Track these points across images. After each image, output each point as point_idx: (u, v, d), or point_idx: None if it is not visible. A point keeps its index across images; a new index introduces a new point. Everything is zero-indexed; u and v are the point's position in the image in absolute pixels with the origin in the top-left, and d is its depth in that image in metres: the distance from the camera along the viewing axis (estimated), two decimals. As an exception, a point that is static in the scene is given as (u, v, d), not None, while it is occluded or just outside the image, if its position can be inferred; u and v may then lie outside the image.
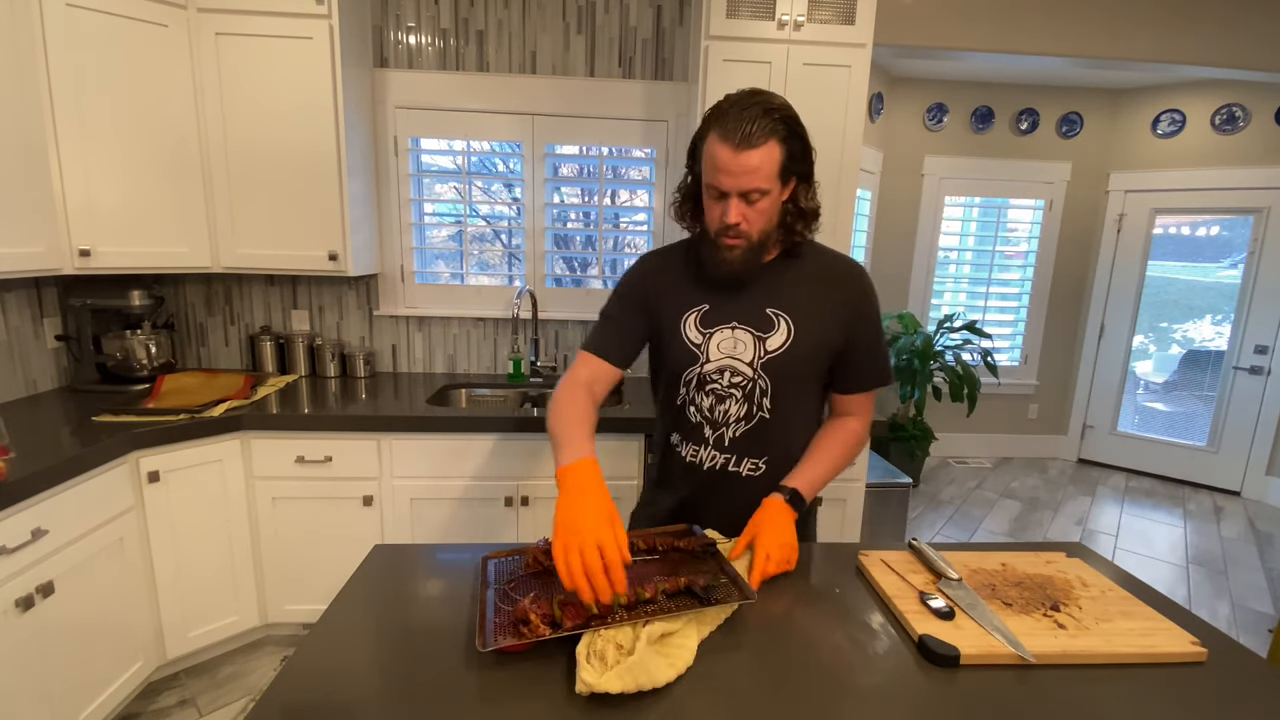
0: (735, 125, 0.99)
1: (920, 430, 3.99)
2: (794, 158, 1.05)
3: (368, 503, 2.16)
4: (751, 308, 1.14)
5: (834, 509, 2.28)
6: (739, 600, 0.92)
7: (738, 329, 1.14)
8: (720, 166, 1.01)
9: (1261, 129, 3.89)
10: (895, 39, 2.78)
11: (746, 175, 1.01)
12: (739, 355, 1.14)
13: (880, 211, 4.37)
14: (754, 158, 1.00)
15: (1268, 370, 3.98)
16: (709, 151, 1.04)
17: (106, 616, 1.79)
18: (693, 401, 1.18)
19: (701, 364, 1.15)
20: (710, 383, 1.15)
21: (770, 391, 1.14)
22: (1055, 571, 1.11)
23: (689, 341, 1.16)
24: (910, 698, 0.81)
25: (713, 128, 1.02)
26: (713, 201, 1.07)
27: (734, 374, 1.14)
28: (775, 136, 1.01)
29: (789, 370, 1.14)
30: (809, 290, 1.15)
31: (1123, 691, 0.83)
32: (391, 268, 2.68)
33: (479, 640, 0.85)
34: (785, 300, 1.14)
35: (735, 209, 1.04)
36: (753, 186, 1.02)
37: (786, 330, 1.13)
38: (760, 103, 1.01)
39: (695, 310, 1.16)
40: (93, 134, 1.97)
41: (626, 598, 0.89)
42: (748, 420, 1.16)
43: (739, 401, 1.15)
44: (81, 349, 2.26)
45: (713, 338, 1.15)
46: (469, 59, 2.56)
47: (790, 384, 1.15)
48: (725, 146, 1.00)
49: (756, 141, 0.99)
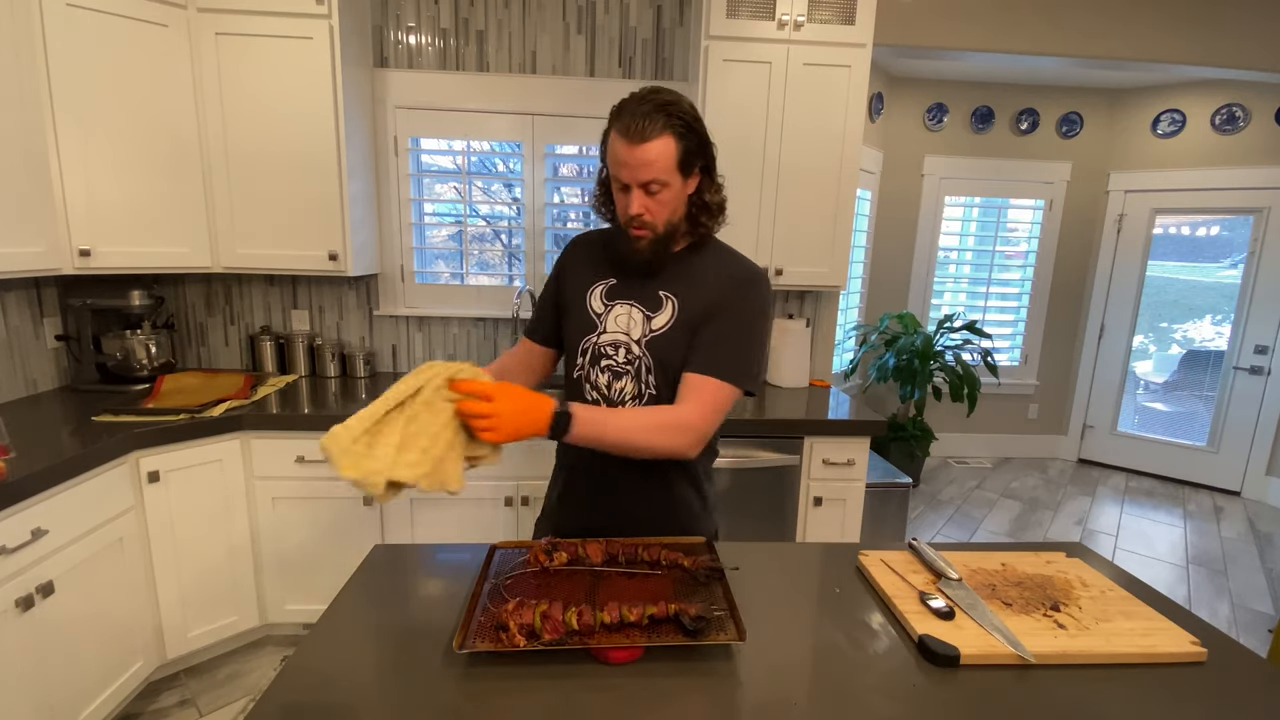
0: (631, 120, 1.04)
1: (920, 430, 3.98)
2: (691, 151, 1.10)
3: (368, 503, 2.15)
4: (649, 290, 1.19)
5: (834, 509, 2.29)
6: (728, 640, 0.87)
7: (633, 307, 1.19)
8: (620, 160, 1.07)
9: (1261, 129, 3.89)
10: (895, 39, 2.78)
11: (644, 167, 1.06)
12: (629, 331, 1.18)
13: (880, 211, 4.37)
14: (650, 151, 1.05)
15: (1268, 370, 3.98)
16: (611, 147, 1.09)
17: (106, 616, 1.79)
18: (588, 378, 1.20)
19: (598, 333, 1.19)
20: (605, 357, 1.19)
21: (653, 369, 1.17)
22: (1055, 571, 1.11)
23: (591, 310, 1.21)
24: (910, 698, 0.81)
25: (614, 124, 1.08)
26: (619, 193, 1.12)
27: (627, 350, 1.18)
28: (670, 131, 1.06)
29: (668, 349, 1.16)
30: (702, 279, 1.19)
31: (1123, 691, 0.83)
32: (391, 268, 2.68)
33: (457, 639, 0.85)
34: (678, 285, 1.18)
35: (637, 200, 1.09)
36: (650, 178, 1.07)
37: (671, 310, 1.17)
38: (656, 99, 1.06)
39: (603, 284, 1.22)
40: (93, 134, 1.97)
41: (610, 616, 0.89)
42: (638, 399, 1.18)
43: (631, 378, 1.18)
44: (81, 349, 2.26)
45: (612, 310, 1.20)
46: (469, 59, 2.56)
47: (670, 363, 1.17)
48: (623, 141, 1.06)
49: (650, 135, 1.04)
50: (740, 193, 2.37)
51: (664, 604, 0.91)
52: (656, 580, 1.03)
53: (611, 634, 0.88)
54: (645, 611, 0.90)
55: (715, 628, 0.90)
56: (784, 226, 2.40)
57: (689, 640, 0.87)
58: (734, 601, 0.95)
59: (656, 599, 0.95)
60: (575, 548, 1.08)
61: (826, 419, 2.24)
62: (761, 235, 2.40)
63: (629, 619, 0.89)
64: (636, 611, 0.90)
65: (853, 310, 4.30)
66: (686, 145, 1.08)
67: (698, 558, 1.07)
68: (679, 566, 1.06)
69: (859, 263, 4.15)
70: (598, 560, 1.06)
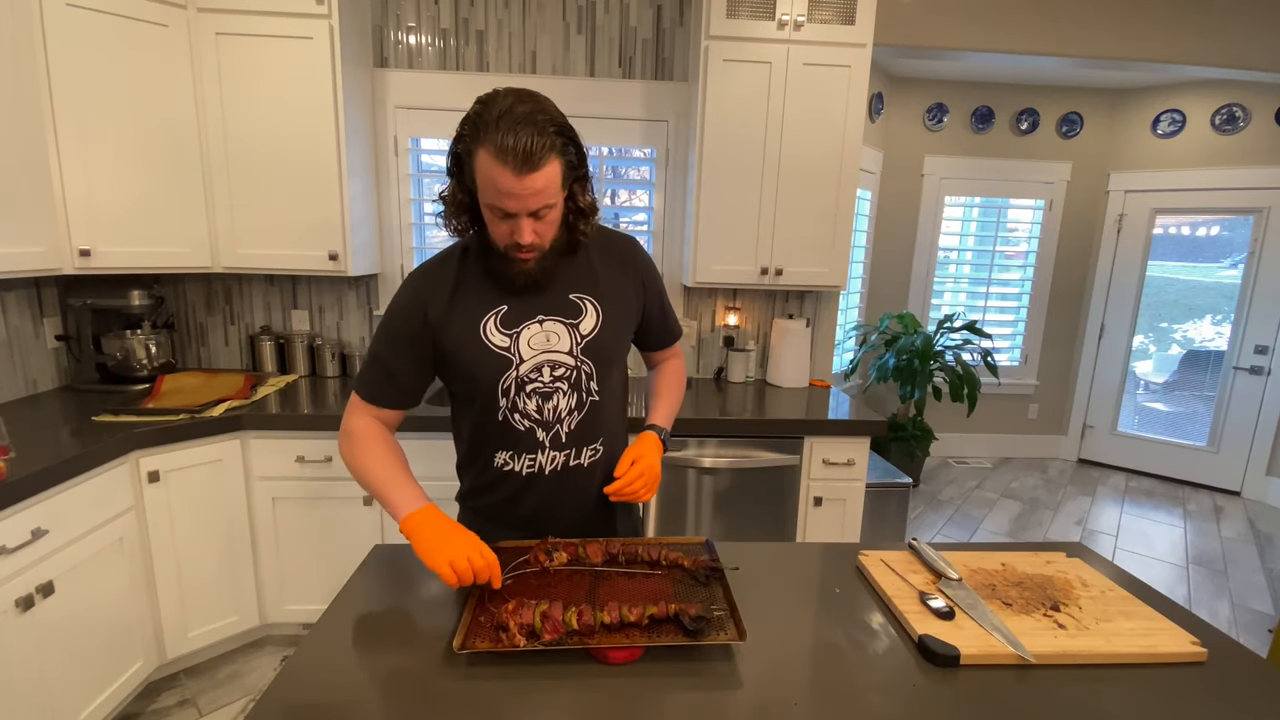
0: (512, 144, 0.91)
1: (920, 430, 3.98)
2: (572, 166, 1.02)
3: (368, 503, 2.15)
4: (553, 299, 1.12)
5: (834, 509, 2.29)
6: (728, 640, 0.87)
7: (546, 321, 1.11)
8: (505, 191, 0.95)
9: (1261, 129, 3.89)
10: (895, 39, 2.78)
11: (533, 196, 0.96)
12: (555, 347, 1.11)
13: (880, 211, 4.37)
14: (538, 180, 0.94)
15: (1268, 370, 3.98)
16: (486, 173, 0.95)
17: (106, 616, 1.79)
18: (515, 409, 1.11)
19: (516, 365, 1.10)
20: (530, 383, 1.11)
21: (594, 373, 1.15)
22: (1055, 571, 1.11)
23: (494, 346, 1.09)
24: (910, 698, 0.81)
25: (483, 144, 0.94)
26: (498, 220, 1.01)
27: (555, 367, 1.11)
28: (554, 151, 0.96)
29: (606, 349, 1.15)
30: (601, 271, 1.18)
31: (1123, 691, 0.83)
32: (391, 268, 2.68)
33: (457, 639, 0.85)
34: (583, 284, 1.15)
35: (528, 229, 1.00)
36: (540, 204, 0.98)
37: (595, 312, 1.15)
38: (532, 116, 0.94)
39: (493, 314, 1.10)
40: (93, 133, 1.97)
41: (610, 616, 0.89)
42: (580, 410, 1.15)
43: (566, 394, 1.13)
44: (81, 349, 2.26)
45: (520, 335, 1.10)
46: (469, 59, 2.56)
47: (608, 362, 1.17)
48: (505, 171, 0.93)
49: (541, 162, 0.93)
50: (740, 193, 2.37)
51: (664, 604, 0.91)
52: (656, 580, 1.03)
53: (611, 634, 0.88)
54: (645, 611, 0.90)
55: (715, 628, 0.89)
56: (784, 226, 2.40)
57: (689, 640, 0.87)
58: (734, 601, 0.95)
59: (656, 599, 0.95)
60: (575, 548, 1.08)
61: (826, 419, 2.24)
62: (761, 235, 2.40)
63: (629, 619, 0.89)
64: (636, 611, 0.90)
65: (853, 310, 4.30)
66: (568, 160, 1.00)
67: (698, 558, 1.07)
68: (679, 566, 1.06)
69: (859, 263, 4.15)
70: (598, 560, 1.06)
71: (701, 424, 2.18)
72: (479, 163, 0.96)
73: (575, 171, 1.04)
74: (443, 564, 0.92)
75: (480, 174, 0.97)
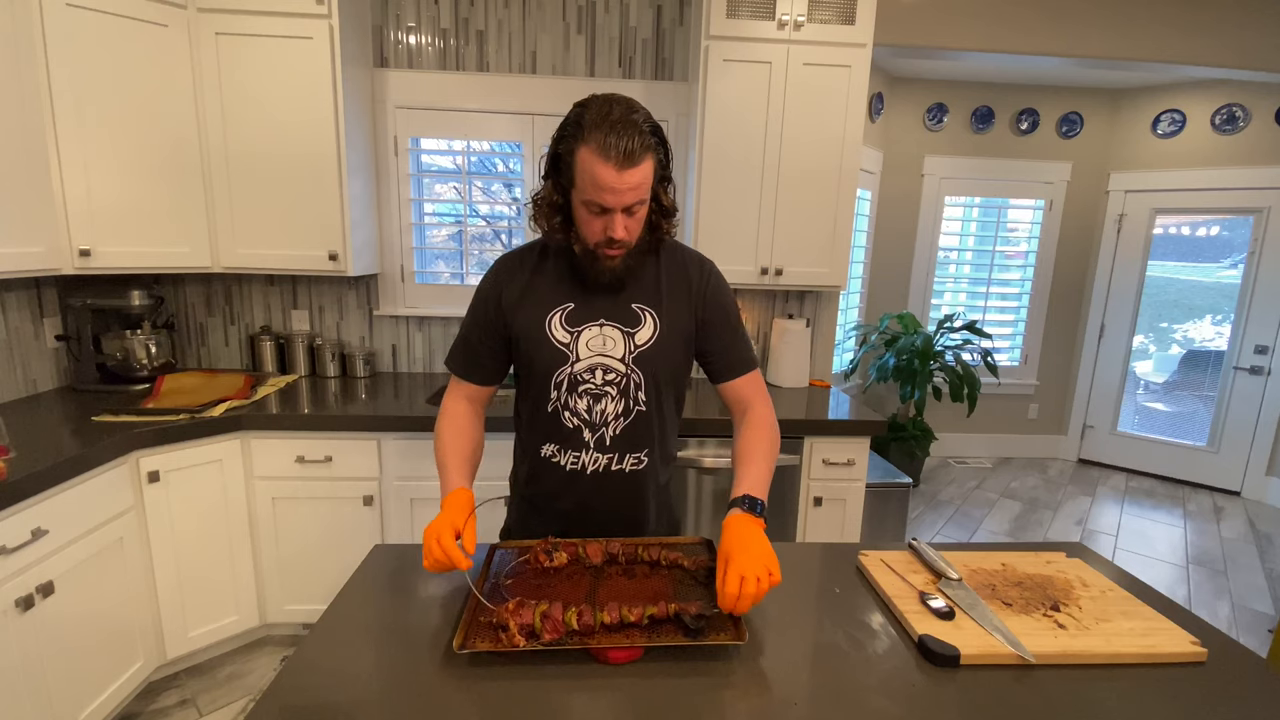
0: (615, 142, 0.98)
1: (920, 430, 3.98)
2: (663, 164, 1.08)
3: (368, 503, 2.16)
4: (617, 305, 1.16)
5: (834, 509, 2.29)
6: (728, 640, 0.87)
7: (605, 326, 1.15)
8: (605, 185, 1.00)
9: (1261, 129, 3.89)
10: (895, 39, 2.78)
11: (631, 191, 1.01)
12: (609, 352, 1.14)
13: (880, 211, 4.37)
14: (636, 175, 1.00)
15: (1268, 370, 3.98)
16: (588, 169, 1.00)
17: (106, 616, 1.79)
18: (566, 405, 1.16)
19: (572, 363, 1.14)
20: (583, 383, 1.15)
21: (643, 384, 1.16)
22: (1055, 571, 1.11)
23: (555, 340, 1.14)
24: (910, 698, 0.81)
25: (585, 142, 1.00)
26: (592, 216, 1.06)
27: (606, 371, 1.14)
28: (650, 150, 1.02)
29: (658, 362, 1.16)
30: (666, 284, 1.19)
31: (1123, 691, 0.83)
32: (391, 268, 2.68)
33: (457, 640, 0.85)
34: (648, 295, 1.17)
35: (621, 224, 1.04)
36: (635, 200, 1.03)
37: (653, 324, 1.16)
38: (631, 115, 1.01)
39: (560, 310, 1.16)
40: (92, 134, 1.97)
41: (610, 616, 0.89)
42: (626, 416, 1.17)
43: (614, 399, 1.16)
44: (81, 349, 2.26)
45: (581, 335, 1.14)
46: (469, 59, 2.56)
47: (660, 375, 1.17)
48: (608, 166, 0.99)
49: (639, 159, 1.00)
50: (740, 193, 2.37)
51: (664, 604, 0.91)
52: (656, 580, 1.03)
53: (611, 634, 0.88)
54: (645, 611, 0.90)
55: (715, 628, 0.89)
56: (784, 226, 2.40)
57: (689, 640, 0.87)
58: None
59: (656, 599, 0.95)
60: (575, 548, 1.08)
61: (826, 419, 2.24)
62: (761, 235, 2.40)
63: (629, 619, 0.89)
64: (636, 611, 0.90)
65: (853, 310, 4.30)
66: (659, 159, 1.06)
67: (697, 558, 1.07)
68: (679, 566, 1.06)
69: (859, 263, 4.15)
70: (598, 560, 1.06)
71: (702, 424, 2.18)
72: (580, 159, 1.01)
73: (663, 171, 1.09)
74: (428, 537, 0.98)
75: (581, 170, 1.02)
